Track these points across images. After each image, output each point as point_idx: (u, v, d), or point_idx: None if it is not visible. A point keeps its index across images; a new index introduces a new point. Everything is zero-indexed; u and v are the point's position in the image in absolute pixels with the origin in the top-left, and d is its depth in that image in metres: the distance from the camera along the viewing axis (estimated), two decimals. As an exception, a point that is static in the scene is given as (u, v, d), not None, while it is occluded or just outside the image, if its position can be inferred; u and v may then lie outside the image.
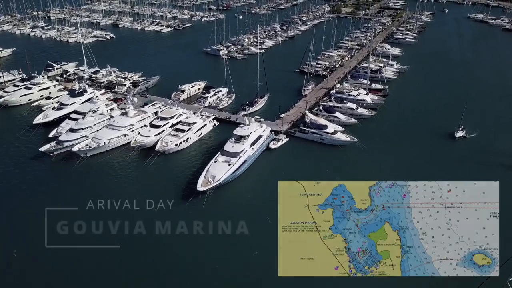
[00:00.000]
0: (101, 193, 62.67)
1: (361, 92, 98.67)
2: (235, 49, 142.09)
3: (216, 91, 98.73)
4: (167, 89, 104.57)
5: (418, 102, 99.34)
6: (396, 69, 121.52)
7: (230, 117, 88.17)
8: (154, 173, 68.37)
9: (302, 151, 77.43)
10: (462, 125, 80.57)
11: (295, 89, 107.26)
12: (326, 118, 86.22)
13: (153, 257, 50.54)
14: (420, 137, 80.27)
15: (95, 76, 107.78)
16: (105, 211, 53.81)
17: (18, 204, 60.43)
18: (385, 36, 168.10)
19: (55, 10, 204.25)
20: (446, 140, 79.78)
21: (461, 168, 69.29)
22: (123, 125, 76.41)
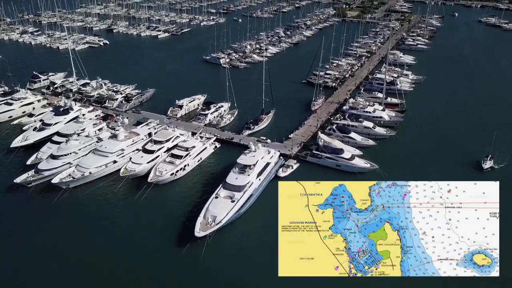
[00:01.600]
0: (84, 235, 54.08)
1: (377, 108, 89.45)
2: (236, 57, 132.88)
3: (217, 107, 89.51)
4: (163, 103, 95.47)
5: (439, 119, 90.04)
6: (411, 80, 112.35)
7: (233, 137, 78.90)
8: (146, 210, 59.10)
9: (315, 179, 67.88)
10: (490, 154, 70.94)
11: (303, 103, 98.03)
12: (340, 139, 77.03)
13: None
14: (445, 166, 70.27)
15: (84, 89, 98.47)
16: (88, 258, 48.28)
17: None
18: (395, 42, 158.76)
19: (47, 14, 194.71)
20: (473, 171, 69.75)
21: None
22: (112, 150, 67.08)
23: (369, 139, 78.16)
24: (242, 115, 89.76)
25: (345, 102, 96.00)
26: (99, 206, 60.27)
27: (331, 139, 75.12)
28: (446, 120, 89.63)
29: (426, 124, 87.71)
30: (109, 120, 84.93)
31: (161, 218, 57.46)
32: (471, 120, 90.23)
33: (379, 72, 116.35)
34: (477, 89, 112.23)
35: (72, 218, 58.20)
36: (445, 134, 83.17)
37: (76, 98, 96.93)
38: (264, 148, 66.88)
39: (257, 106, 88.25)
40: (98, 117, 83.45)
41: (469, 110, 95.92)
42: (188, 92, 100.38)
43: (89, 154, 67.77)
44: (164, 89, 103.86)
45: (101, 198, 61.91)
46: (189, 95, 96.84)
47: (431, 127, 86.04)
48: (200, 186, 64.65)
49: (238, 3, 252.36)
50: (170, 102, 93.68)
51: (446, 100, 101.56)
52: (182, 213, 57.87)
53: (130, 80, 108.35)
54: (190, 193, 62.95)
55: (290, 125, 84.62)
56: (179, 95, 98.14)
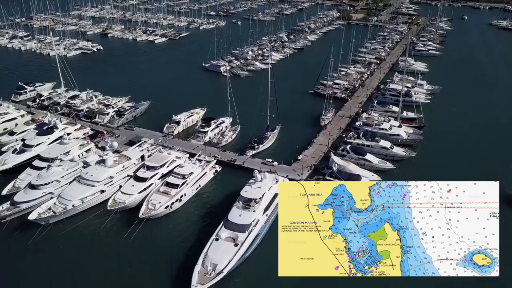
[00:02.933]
0: (65, 281, 46.48)
1: (393, 124, 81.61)
2: (238, 64, 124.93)
3: (217, 123, 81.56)
4: (158, 117, 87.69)
5: (461, 136, 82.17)
6: (426, 90, 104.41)
7: (236, 159, 70.92)
8: (136, 251, 51.23)
9: (328, 210, 60.16)
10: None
11: (311, 117, 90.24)
12: (355, 161, 69.21)
13: None
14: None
15: (73, 102, 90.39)
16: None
17: None
18: (404, 47, 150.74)
19: (40, 17, 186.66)
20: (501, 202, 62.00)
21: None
22: (99, 178, 59.13)
23: (387, 161, 70.21)
24: (245, 132, 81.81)
25: (357, 116, 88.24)
26: (83, 246, 52.37)
27: (345, 162, 67.42)
28: (468, 137, 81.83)
29: (447, 142, 79.73)
30: (99, 138, 77.03)
31: (154, 261, 49.57)
32: (496, 136, 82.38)
33: (391, 81, 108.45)
34: (498, 99, 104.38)
35: (51, 260, 50.66)
36: (469, 153, 75.25)
37: (64, 112, 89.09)
38: (271, 176, 58.95)
39: (261, 121, 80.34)
40: (86, 137, 75.27)
41: (492, 124, 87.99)
42: (186, 104, 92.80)
43: (73, 182, 59.87)
44: (160, 101, 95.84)
45: (85, 237, 53.99)
46: (187, 108, 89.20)
47: (453, 146, 78.07)
48: (199, 221, 56.76)
49: (239, 5, 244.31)
50: (166, 116, 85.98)
51: (466, 113, 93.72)
52: (177, 256, 50.04)
53: (124, 90, 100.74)
54: (187, 230, 54.99)
55: (298, 144, 76.91)
56: (176, 108, 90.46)
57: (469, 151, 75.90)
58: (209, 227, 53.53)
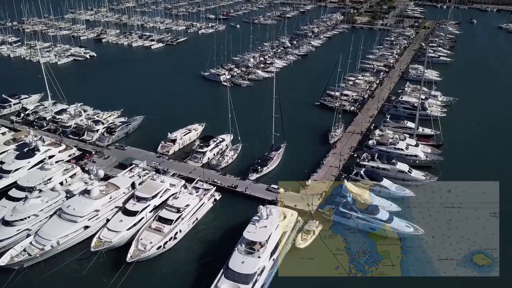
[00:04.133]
0: None
1: (410, 142, 74.43)
2: (238, 73, 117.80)
3: (216, 142, 74.36)
4: (153, 134, 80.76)
5: (484, 155, 75.14)
6: (441, 102, 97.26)
7: (237, 185, 63.70)
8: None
9: (344, 247, 53.13)
10: None
11: (319, 132, 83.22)
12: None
13: None
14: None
15: (60, 117, 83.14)
16: None
17: None
18: (413, 53, 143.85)
19: (32, 21, 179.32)
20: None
21: None
22: (83, 212, 52.00)
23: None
24: (247, 151, 74.60)
25: (368, 133, 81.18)
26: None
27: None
28: (491, 156, 74.73)
29: (469, 163, 72.45)
30: (86, 160, 69.93)
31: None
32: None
33: (403, 92, 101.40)
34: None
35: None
36: (494, 174, 67.92)
37: (50, 128, 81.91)
38: (278, 210, 51.77)
39: (265, 139, 73.12)
40: (71, 159, 68.04)
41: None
42: (182, 119, 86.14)
43: (53, 217, 52.70)
44: (155, 114, 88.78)
45: (66, 283, 46.86)
46: (184, 124, 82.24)
47: (477, 167, 70.75)
48: (195, 264, 49.57)
49: (239, 7, 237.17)
50: (161, 132, 79.08)
51: (485, 127, 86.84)
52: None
53: (116, 103, 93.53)
54: (182, 277, 47.76)
55: (306, 165, 70.23)
56: (172, 123, 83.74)
57: (493, 172, 68.67)
58: (208, 271, 46.44)
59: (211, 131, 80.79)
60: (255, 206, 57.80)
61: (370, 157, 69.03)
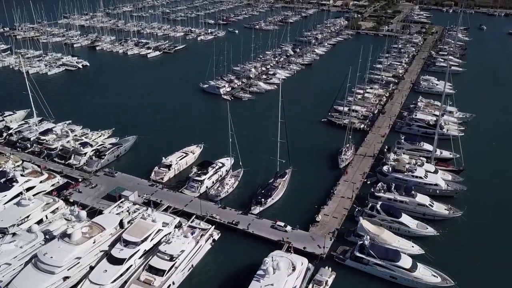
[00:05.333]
0: None
1: (428, 168, 67.59)
2: (239, 85, 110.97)
3: (216, 169, 67.49)
4: (146, 157, 74.28)
5: (510, 185, 68.23)
6: (457, 118, 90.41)
7: (239, 222, 56.83)
8: None
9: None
10: None
11: (327, 155, 76.54)
12: (388, 225, 55.40)
13: None
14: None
15: (45, 138, 76.30)
16: None
17: None
18: (422, 62, 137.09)
19: (25, 27, 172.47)
20: None
21: None
22: (61, 262, 45.14)
23: (427, 224, 56.14)
24: (249, 177, 67.87)
25: (382, 156, 74.40)
26: None
27: (377, 229, 53.67)
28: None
29: (495, 192, 65.69)
30: (72, 189, 63.15)
31: None
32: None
33: (415, 107, 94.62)
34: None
35: None
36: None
37: (34, 150, 75.10)
38: (286, 262, 44.93)
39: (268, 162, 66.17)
40: (53, 192, 61.12)
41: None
42: (179, 138, 79.93)
43: (28, 267, 45.81)
44: (149, 133, 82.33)
45: None
46: (180, 144, 75.94)
47: (504, 197, 64.14)
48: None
49: (239, 12, 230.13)
50: (155, 154, 72.69)
51: (508, 148, 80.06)
52: None
53: (108, 120, 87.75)
54: None
55: (314, 195, 63.51)
56: (168, 144, 77.67)
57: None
58: None
59: (210, 152, 74.34)
60: (259, 247, 51.69)
61: (386, 187, 62.16)
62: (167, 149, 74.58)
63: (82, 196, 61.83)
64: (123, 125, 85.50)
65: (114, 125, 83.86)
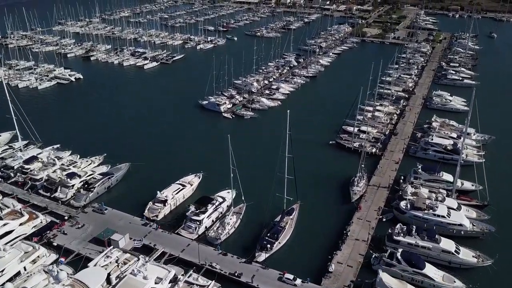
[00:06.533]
0: None
1: (450, 203, 61.24)
2: (240, 101, 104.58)
3: (216, 205, 61.12)
4: (139, 188, 68.34)
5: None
6: (476, 141, 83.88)
7: (242, 273, 50.40)
8: None
9: None
10: None
11: (337, 185, 70.31)
12: (410, 277, 49.04)
13: None
14: None
15: (29, 167, 69.90)
16: None
17: None
18: (432, 73, 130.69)
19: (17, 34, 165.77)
20: None
21: None
22: (36, 333, 38.73)
23: (454, 277, 49.72)
24: (252, 213, 61.70)
25: (397, 186, 68.03)
26: None
27: (399, 283, 47.29)
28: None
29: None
30: (56, 229, 56.81)
31: None
32: None
33: (429, 127, 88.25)
34: None
35: None
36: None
37: (18, 180, 68.74)
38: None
39: (274, 198, 59.59)
40: (33, 238, 54.66)
41: None
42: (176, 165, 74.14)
43: None
44: (144, 158, 76.03)
45: None
46: (177, 173, 70.08)
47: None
48: None
49: (239, 17, 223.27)
50: (149, 186, 66.64)
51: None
52: None
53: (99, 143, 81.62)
54: None
55: (325, 236, 57.22)
56: (163, 173, 71.89)
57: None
58: None
59: (210, 182, 68.37)
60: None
61: (406, 229, 55.73)
62: (163, 178, 68.72)
63: (67, 238, 55.53)
64: (116, 148, 79.44)
65: (105, 150, 77.64)
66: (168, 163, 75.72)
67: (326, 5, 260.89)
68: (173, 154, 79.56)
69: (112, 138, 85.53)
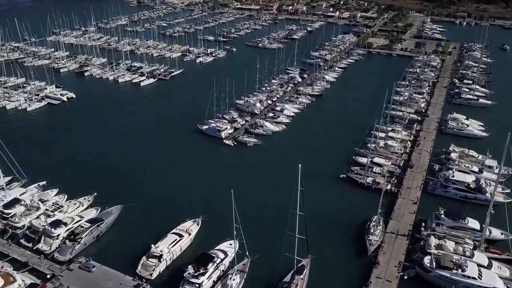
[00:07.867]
0: None
1: (479, 260, 54.51)
2: (242, 125, 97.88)
3: (217, 263, 54.36)
4: (132, 235, 61.68)
5: None
6: (501, 176, 76.66)
7: None
8: None
9: None
10: None
11: (351, 232, 63.73)
12: None
13: None
14: None
15: (10, 212, 63.20)
16: None
17: None
18: (445, 91, 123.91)
19: (10, 46, 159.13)
20: None
21: None
22: None
23: None
24: (257, 270, 55.08)
25: (418, 235, 61.32)
26: None
27: None
28: None
29: None
30: None
31: None
32: None
33: (446, 157, 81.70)
34: None
35: None
36: None
37: (0, 227, 62.02)
38: None
39: (280, 246, 52.89)
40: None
41: None
42: (172, 206, 67.85)
43: None
44: (137, 197, 69.47)
45: None
46: (174, 216, 63.76)
47: None
48: None
49: (240, 25, 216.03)
50: (143, 233, 60.56)
51: None
52: None
53: (90, 179, 74.89)
54: None
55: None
56: (158, 215, 65.48)
57: None
58: None
59: (209, 228, 61.85)
60: None
61: None
62: (158, 221, 63.06)
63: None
64: (107, 184, 73.26)
65: (96, 185, 71.48)
66: (164, 203, 69.06)
67: (330, 12, 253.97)
68: (169, 192, 72.71)
69: (103, 171, 78.77)
